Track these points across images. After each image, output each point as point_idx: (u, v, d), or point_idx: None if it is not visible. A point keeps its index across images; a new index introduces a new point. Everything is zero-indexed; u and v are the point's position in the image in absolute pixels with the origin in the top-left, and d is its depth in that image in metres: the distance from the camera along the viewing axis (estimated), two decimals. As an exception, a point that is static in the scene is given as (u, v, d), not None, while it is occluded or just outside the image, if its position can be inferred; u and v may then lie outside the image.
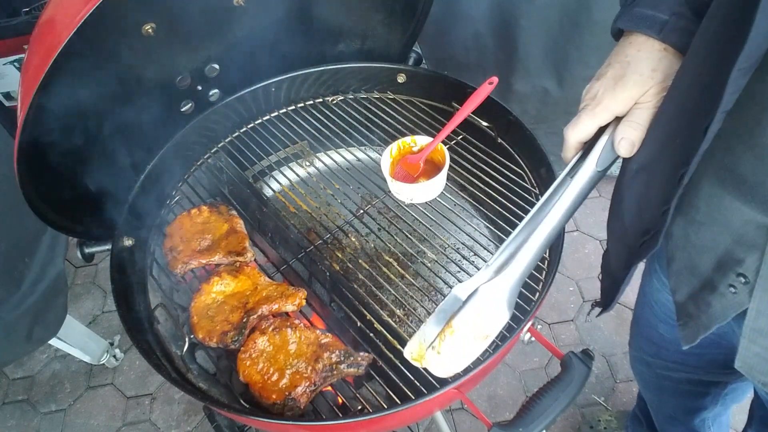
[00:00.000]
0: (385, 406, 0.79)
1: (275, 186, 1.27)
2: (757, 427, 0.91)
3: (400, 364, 0.82)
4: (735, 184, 0.55)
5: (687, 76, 0.57)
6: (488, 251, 0.97)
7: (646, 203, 0.64)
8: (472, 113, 1.04)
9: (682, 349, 0.72)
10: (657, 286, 0.87)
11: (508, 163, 1.05)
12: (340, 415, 0.84)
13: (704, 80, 0.52)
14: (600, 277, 0.86)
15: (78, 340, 1.72)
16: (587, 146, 0.68)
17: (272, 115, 1.24)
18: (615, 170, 0.71)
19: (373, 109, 1.20)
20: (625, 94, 0.61)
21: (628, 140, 0.62)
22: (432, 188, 0.99)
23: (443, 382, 0.75)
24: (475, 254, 1.03)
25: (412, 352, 0.72)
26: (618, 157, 0.65)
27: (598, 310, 0.85)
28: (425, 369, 0.72)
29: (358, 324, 0.89)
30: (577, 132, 0.66)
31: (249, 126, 1.22)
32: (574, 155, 0.69)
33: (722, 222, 0.58)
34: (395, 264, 0.95)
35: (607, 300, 0.82)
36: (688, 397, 1.09)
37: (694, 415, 1.13)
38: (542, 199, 0.70)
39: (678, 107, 0.57)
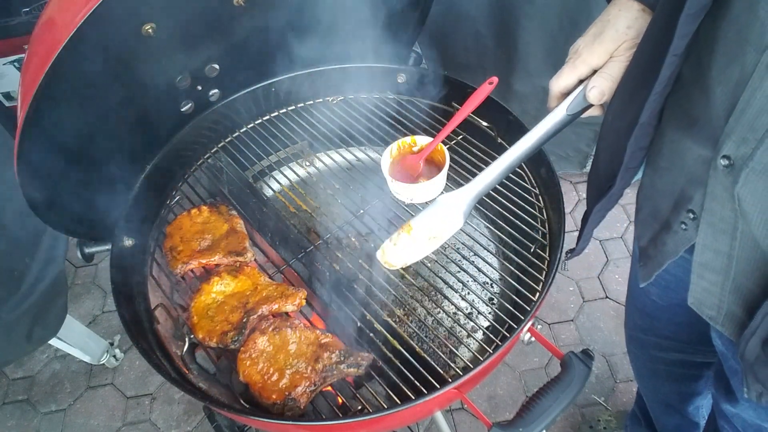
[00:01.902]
0: (385, 406, 0.79)
1: (275, 186, 1.27)
2: (714, 382, 0.92)
3: (400, 364, 0.82)
4: (689, 126, 0.60)
5: (651, 30, 0.61)
6: (488, 251, 0.97)
7: (616, 150, 0.68)
8: (472, 113, 1.04)
9: (640, 286, 0.77)
10: None
11: (508, 163, 1.05)
12: (340, 415, 0.84)
13: (662, 29, 0.56)
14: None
15: (78, 340, 1.72)
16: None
17: (272, 115, 1.24)
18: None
19: (373, 109, 1.20)
20: (601, 48, 0.67)
21: (598, 89, 0.67)
22: (432, 188, 0.98)
23: (443, 382, 0.75)
24: (475, 254, 1.03)
25: (382, 254, 0.82)
26: (589, 105, 0.71)
27: (571, 256, 0.88)
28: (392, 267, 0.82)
29: (358, 324, 0.89)
30: (559, 82, 0.71)
31: (249, 126, 1.22)
32: (556, 105, 0.74)
33: (680, 165, 0.63)
34: (395, 264, 0.95)
35: (577, 245, 0.85)
36: (681, 382, 1.10)
37: (688, 402, 1.14)
38: (519, 141, 0.77)
39: (643, 58, 0.62)
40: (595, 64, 0.68)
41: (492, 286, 1.09)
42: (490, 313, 1.00)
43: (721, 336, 0.71)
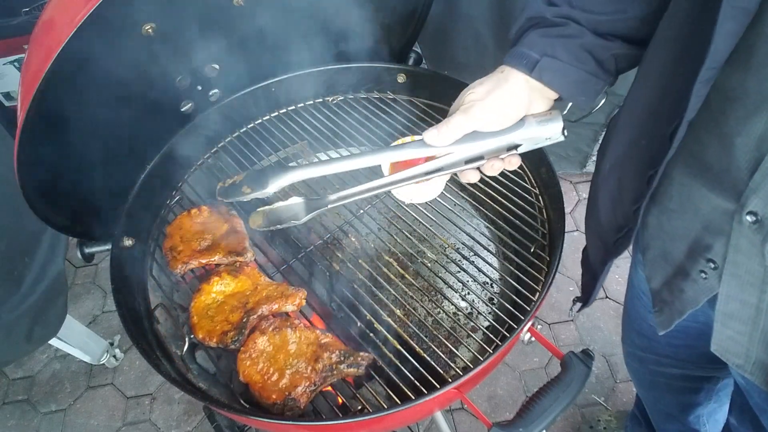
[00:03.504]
0: (385, 406, 0.79)
1: (275, 186, 1.27)
2: (736, 414, 0.91)
3: (400, 364, 0.82)
4: (702, 173, 0.57)
5: (648, 83, 0.59)
6: (488, 251, 0.97)
7: (618, 201, 0.67)
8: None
9: (659, 334, 0.74)
10: (642, 276, 0.88)
11: (508, 163, 1.05)
12: (340, 415, 0.84)
13: (666, 88, 0.54)
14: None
15: (78, 340, 1.72)
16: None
17: (272, 115, 1.24)
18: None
19: (373, 109, 1.20)
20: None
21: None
22: (432, 188, 0.98)
23: (443, 382, 0.75)
24: (475, 254, 1.03)
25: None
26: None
27: (580, 307, 0.87)
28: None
29: (358, 324, 0.89)
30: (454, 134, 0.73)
31: (249, 126, 1.22)
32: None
33: (692, 209, 0.61)
34: (395, 264, 0.95)
35: (586, 295, 0.83)
36: (681, 394, 1.10)
37: (688, 412, 1.13)
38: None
39: (642, 111, 0.60)
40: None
41: (492, 286, 1.09)
42: (490, 313, 1.00)
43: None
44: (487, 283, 1.08)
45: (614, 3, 0.61)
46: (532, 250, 0.94)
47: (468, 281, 1.09)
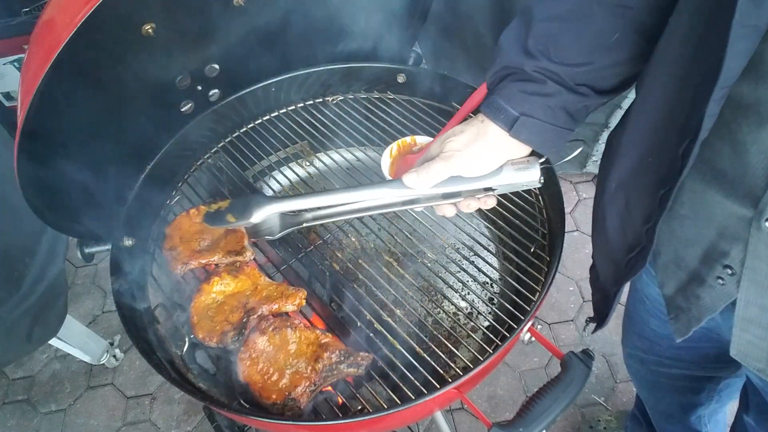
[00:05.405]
0: (385, 406, 0.79)
1: (275, 186, 1.27)
2: (754, 415, 0.91)
3: (400, 364, 0.82)
4: (716, 179, 0.57)
5: (652, 102, 0.58)
6: (488, 251, 0.97)
7: (628, 220, 0.66)
8: (471, 113, 1.04)
9: (676, 342, 0.74)
10: (646, 280, 0.87)
11: (508, 163, 1.05)
12: (340, 415, 0.84)
13: (673, 108, 0.54)
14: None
15: (78, 340, 1.72)
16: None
17: (272, 115, 1.24)
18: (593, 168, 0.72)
19: (373, 109, 1.20)
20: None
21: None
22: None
23: (443, 382, 0.75)
24: (475, 254, 1.02)
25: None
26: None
27: (593, 327, 0.87)
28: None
29: (358, 324, 0.89)
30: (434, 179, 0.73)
31: (249, 126, 1.22)
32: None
33: (706, 215, 0.60)
34: (395, 264, 0.95)
35: (600, 316, 0.83)
36: (683, 394, 1.09)
37: (690, 412, 1.13)
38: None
39: (647, 130, 0.60)
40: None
41: (492, 286, 1.09)
42: (490, 313, 1.00)
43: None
44: (487, 283, 1.08)
45: (589, 54, 0.62)
46: (532, 250, 0.94)
47: (468, 281, 1.09)
